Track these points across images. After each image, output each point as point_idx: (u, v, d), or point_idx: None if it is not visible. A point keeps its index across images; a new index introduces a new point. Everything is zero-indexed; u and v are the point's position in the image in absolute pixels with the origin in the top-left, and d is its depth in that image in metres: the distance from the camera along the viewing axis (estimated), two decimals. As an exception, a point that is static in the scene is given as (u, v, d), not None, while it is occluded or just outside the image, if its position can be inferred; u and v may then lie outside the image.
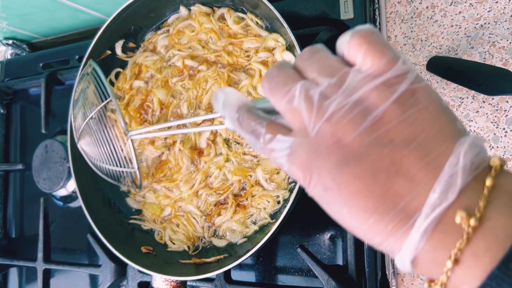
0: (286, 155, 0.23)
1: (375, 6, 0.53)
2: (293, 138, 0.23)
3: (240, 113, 0.27)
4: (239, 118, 0.27)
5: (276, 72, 0.25)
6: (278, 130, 0.24)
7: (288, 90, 0.23)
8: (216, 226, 0.54)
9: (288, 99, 0.23)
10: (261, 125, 0.25)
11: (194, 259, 0.53)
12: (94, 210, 0.57)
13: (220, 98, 0.29)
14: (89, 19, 0.76)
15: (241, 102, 0.28)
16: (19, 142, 0.81)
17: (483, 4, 0.49)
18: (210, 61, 0.55)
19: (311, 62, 0.24)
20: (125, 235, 0.58)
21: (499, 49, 0.48)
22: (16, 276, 0.77)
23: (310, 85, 0.23)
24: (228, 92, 0.29)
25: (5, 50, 0.86)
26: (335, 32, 0.52)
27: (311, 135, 0.22)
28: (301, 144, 0.23)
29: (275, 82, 0.24)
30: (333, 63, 0.23)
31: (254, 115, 0.26)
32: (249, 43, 0.53)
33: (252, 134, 0.26)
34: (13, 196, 0.80)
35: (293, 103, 0.23)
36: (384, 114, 0.20)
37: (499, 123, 0.48)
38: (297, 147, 0.23)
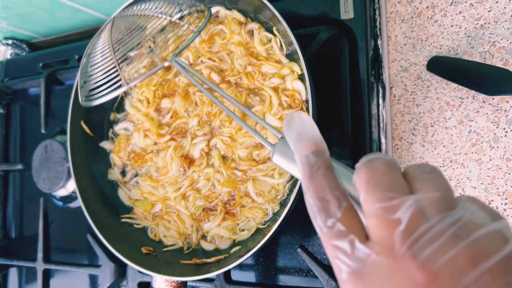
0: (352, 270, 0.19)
1: (375, 6, 0.53)
2: (370, 253, 0.19)
3: (317, 161, 0.22)
4: (312, 167, 0.22)
5: (384, 169, 0.21)
6: (356, 227, 0.20)
7: (391, 198, 0.20)
8: (205, 231, 0.54)
9: (388, 207, 0.19)
10: (338, 203, 0.21)
11: (195, 259, 0.53)
12: (94, 211, 0.57)
13: (295, 125, 0.24)
14: (89, 19, 0.76)
15: (319, 144, 0.23)
16: (19, 142, 0.81)
17: (483, 4, 0.49)
18: (230, 82, 0.55)
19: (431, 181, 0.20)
20: (125, 236, 0.58)
21: (499, 49, 0.48)
22: (16, 276, 0.77)
23: (425, 206, 0.19)
24: (305, 121, 0.24)
25: (5, 50, 0.86)
26: (335, 32, 0.52)
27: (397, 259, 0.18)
28: (378, 267, 0.19)
29: (379, 180, 0.20)
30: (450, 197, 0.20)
31: (333, 178, 0.22)
32: (268, 67, 0.52)
33: (320, 201, 0.21)
34: (13, 196, 0.79)
35: (393, 214, 0.19)
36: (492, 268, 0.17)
37: (499, 123, 0.48)
38: (371, 269, 0.19)
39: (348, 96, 0.51)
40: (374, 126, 0.51)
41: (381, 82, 0.52)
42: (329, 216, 0.21)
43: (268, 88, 0.51)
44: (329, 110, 0.52)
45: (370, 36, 0.52)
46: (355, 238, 0.20)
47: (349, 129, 0.50)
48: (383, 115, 0.51)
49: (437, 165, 0.50)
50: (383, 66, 0.53)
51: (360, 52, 0.51)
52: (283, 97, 0.50)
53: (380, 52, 0.53)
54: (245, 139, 0.52)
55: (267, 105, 0.51)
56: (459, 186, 0.49)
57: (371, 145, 0.50)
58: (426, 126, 0.51)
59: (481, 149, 0.48)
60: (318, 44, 0.51)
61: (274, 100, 0.50)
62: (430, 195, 0.20)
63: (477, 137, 0.49)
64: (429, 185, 0.20)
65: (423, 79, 0.52)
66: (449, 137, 0.50)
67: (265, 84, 0.51)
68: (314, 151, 0.23)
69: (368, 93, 0.51)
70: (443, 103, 0.51)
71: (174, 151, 0.55)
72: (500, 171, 0.47)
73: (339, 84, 0.51)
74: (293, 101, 0.50)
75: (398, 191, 0.20)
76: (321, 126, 0.47)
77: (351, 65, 0.51)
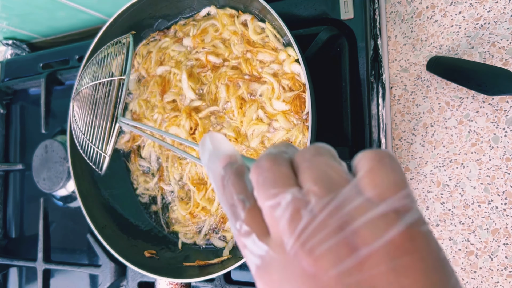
0: (256, 266, 0.21)
1: (375, 6, 0.53)
2: (267, 249, 0.20)
3: (227, 172, 0.23)
4: (224, 179, 0.23)
5: (268, 165, 0.21)
6: (258, 225, 0.21)
7: (275, 194, 0.20)
8: (225, 231, 0.55)
9: (272, 204, 0.20)
10: (243, 205, 0.22)
11: (198, 261, 0.53)
12: (95, 216, 0.57)
13: (207, 145, 0.25)
14: (89, 19, 0.76)
15: (231, 156, 0.24)
16: (19, 142, 0.81)
17: (483, 4, 0.49)
18: (233, 65, 0.55)
19: (311, 166, 0.21)
20: (127, 240, 0.58)
21: (499, 49, 0.48)
22: (16, 276, 0.77)
23: (301, 200, 0.19)
24: (217, 139, 0.25)
25: (5, 50, 0.86)
26: (335, 32, 0.52)
27: (288, 255, 0.19)
28: (274, 261, 0.20)
29: (264, 177, 0.21)
30: (334, 175, 0.20)
31: (241, 183, 0.23)
32: (263, 55, 0.52)
33: (230, 208, 0.22)
34: (13, 196, 0.80)
35: (276, 213, 0.20)
36: (373, 255, 0.17)
37: (499, 123, 0.48)
38: (269, 263, 0.20)
39: (348, 96, 0.51)
40: (374, 126, 0.51)
41: (381, 82, 0.52)
42: (236, 219, 0.22)
43: (267, 74, 0.51)
44: (329, 110, 0.52)
45: (370, 36, 0.52)
46: (255, 236, 0.21)
47: (349, 129, 0.50)
48: (383, 115, 0.51)
49: (437, 165, 0.50)
50: (383, 66, 0.53)
51: (360, 52, 0.51)
52: (284, 81, 0.50)
53: (380, 52, 0.53)
54: (253, 127, 0.52)
55: (270, 93, 0.51)
56: (459, 186, 0.49)
57: (371, 145, 0.50)
58: (426, 126, 0.51)
59: (481, 149, 0.48)
60: (318, 44, 0.51)
61: (275, 86, 0.50)
62: (309, 180, 0.20)
63: (477, 137, 0.49)
64: (310, 170, 0.21)
65: (423, 79, 0.52)
66: (449, 137, 0.50)
67: (265, 70, 0.52)
68: (225, 165, 0.24)
69: (368, 93, 0.51)
70: (443, 103, 0.51)
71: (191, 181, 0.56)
72: (500, 171, 0.47)
73: (339, 84, 0.51)
74: (293, 83, 0.50)
75: (282, 185, 0.20)
76: (321, 126, 0.47)
77: (351, 65, 0.51)
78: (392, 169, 0.19)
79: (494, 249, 0.47)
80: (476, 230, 0.48)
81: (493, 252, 0.47)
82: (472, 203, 0.48)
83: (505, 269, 0.46)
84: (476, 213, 0.48)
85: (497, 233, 0.47)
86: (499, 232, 0.47)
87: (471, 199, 0.48)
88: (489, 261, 0.47)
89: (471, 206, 0.48)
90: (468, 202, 0.48)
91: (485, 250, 0.47)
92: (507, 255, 0.46)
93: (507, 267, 0.46)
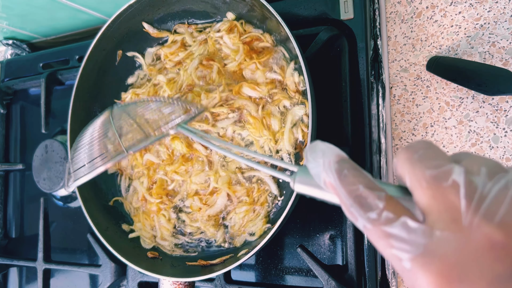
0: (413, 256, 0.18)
1: (375, 6, 0.53)
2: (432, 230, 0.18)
3: (344, 165, 0.22)
4: (341, 172, 0.21)
5: (424, 145, 0.20)
6: (404, 211, 0.19)
7: (439, 165, 0.19)
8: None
9: (438, 174, 0.18)
10: (376, 194, 0.20)
11: (200, 261, 0.53)
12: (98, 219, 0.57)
13: (319, 147, 0.24)
14: (89, 19, 0.76)
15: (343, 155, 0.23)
16: (19, 142, 0.81)
17: (483, 4, 0.49)
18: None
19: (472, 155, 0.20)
20: (130, 242, 0.58)
21: (499, 49, 0.48)
22: (16, 276, 0.77)
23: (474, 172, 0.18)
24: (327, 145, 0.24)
25: (5, 50, 0.86)
26: (335, 32, 0.52)
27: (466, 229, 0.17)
28: (445, 241, 0.17)
29: (422, 154, 0.20)
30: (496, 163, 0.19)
31: (363, 175, 0.21)
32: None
33: (355, 200, 0.20)
34: (13, 196, 0.80)
35: (446, 181, 0.18)
36: None
37: (499, 123, 0.48)
38: (437, 245, 0.17)
39: (347, 96, 0.51)
40: (374, 126, 0.51)
41: (381, 82, 0.52)
42: (370, 209, 0.20)
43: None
44: (329, 110, 0.52)
45: (370, 36, 0.52)
46: (407, 219, 0.18)
47: (349, 129, 0.50)
48: (383, 115, 0.51)
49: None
50: (382, 66, 0.53)
51: (360, 52, 0.51)
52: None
53: (379, 52, 0.53)
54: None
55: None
56: (459, 186, 0.49)
57: (371, 145, 0.50)
58: (426, 126, 0.51)
59: (480, 149, 0.48)
60: (318, 44, 0.51)
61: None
62: (475, 162, 0.19)
63: (476, 137, 0.49)
64: (471, 157, 0.20)
65: (422, 79, 0.52)
66: (449, 137, 0.50)
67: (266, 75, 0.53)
68: (339, 160, 0.23)
69: (368, 93, 0.51)
70: (442, 103, 0.51)
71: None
72: (499, 171, 0.47)
73: (338, 84, 0.51)
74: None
75: (444, 159, 0.19)
76: (321, 126, 0.47)
77: (351, 65, 0.51)
78: None
79: (494, 249, 0.47)
80: (476, 230, 0.48)
81: (493, 252, 0.47)
82: (472, 203, 0.48)
83: (505, 269, 0.46)
84: (476, 213, 0.48)
85: (497, 233, 0.47)
86: (499, 232, 0.47)
87: (471, 199, 0.48)
88: (489, 261, 0.47)
89: (471, 206, 0.48)
90: (468, 202, 0.48)
91: (485, 250, 0.47)
92: (507, 255, 0.46)
93: (507, 267, 0.46)
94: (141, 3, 0.56)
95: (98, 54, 0.59)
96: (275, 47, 0.54)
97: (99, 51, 0.59)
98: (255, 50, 0.54)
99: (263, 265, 0.55)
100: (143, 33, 0.61)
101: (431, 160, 0.19)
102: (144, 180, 0.59)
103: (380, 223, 0.19)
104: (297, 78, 0.51)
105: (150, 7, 0.58)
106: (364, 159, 0.50)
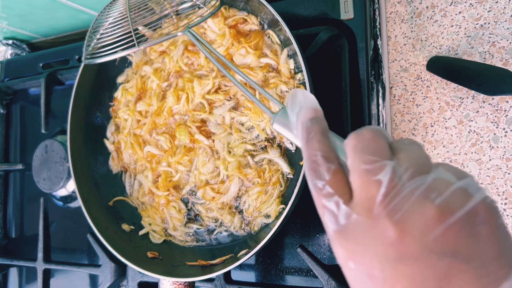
0: (335, 230, 0.22)
1: (375, 6, 0.53)
2: (351, 213, 0.22)
3: (313, 127, 0.25)
4: (309, 132, 0.25)
5: (370, 136, 0.23)
6: (342, 189, 0.23)
7: (375, 161, 0.22)
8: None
9: (370, 169, 0.22)
10: (327, 166, 0.23)
11: (200, 261, 0.53)
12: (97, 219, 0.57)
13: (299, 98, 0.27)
14: (89, 19, 0.76)
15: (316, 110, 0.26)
16: (19, 142, 0.81)
17: (483, 4, 0.49)
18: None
19: (409, 149, 0.23)
20: (130, 242, 0.58)
21: (499, 49, 0.48)
22: (16, 276, 0.77)
23: (401, 171, 0.21)
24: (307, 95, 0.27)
25: (5, 50, 0.86)
26: (335, 32, 0.52)
27: (374, 218, 0.21)
28: (357, 225, 0.21)
29: (365, 145, 0.23)
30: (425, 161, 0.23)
31: (326, 142, 0.24)
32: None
33: (312, 164, 0.24)
34: (13, 196, 0.80)
35: (374, 176, 0.21)
36: (456, 223, 0.20)
37: (499, 123, 0.48)
38: (351, 227, 0.22)
39: (348, 96, 0.51)
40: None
41: (381, 82, 0.52)
42: (319, 178, 0.23)
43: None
44: (329, 110, 0.52)
45: (370, 36, 0.52)
46: (340, 200, 0.22)
47: (349, 129, 0.50)
48: (383, 115, 0.51)
49: (437, 165, 0.50)
50: (383, 66, 0.53)
51: (360, 52, 0.51)
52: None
53: (380, 52, 0.53)
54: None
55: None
56: (459, 186, 0.49)
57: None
58: (426, 126, 0.51)
59: (481, 149, 0.48)
60: (318, 44, 0.51)
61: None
62: (407, 160, 0.22)
63: (477, 137, 0.49)
64: (407, 153, 0.23)
65: (423, 79, 0.52)
66: (449, 137, 0.50)
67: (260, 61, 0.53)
68: (313, 117, 0.26)
69: (368, 93, 0.51)
70: (443, 103, 0.51)
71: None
72: (500, 171, 0.47)
73: (339, 84, 0.51)
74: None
75: (381, 156, 0.22)
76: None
77: (351, 65, 0.51)
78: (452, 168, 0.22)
79: (494, 249, 0.47)
80: (476, 230, 0.48)
81: (493, 252, 0.47)
82: (472, 203, 0.48)
83: (505, 269, 0.46)
84: (476, 213, 0.48)
85: (497, 233, 0.47)
86: (499, 232, 0.47)
87: (471, 199, 0.48)
88: (489, 261, 0.47)
89: (471, 206, 0.48)
90: (468, 202, 0.49)
91: (485, 250, 0.47)
92: (507, 255, 0.46)
93: (507, 267, 0.46)
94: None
95: (98, 54, 0.59)
96: (264, 30, 0.53)
97: (99, 51, 0.59)
98: (242, 33, 0.54)
99: (263, 265, 0.55)
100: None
101: (370, 155, 0.22)
102: (148, 174, 0.59)
103: (322, 194, 0.23)
104: (292, 65, 0.51)
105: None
106: (364, 159, 0.50)
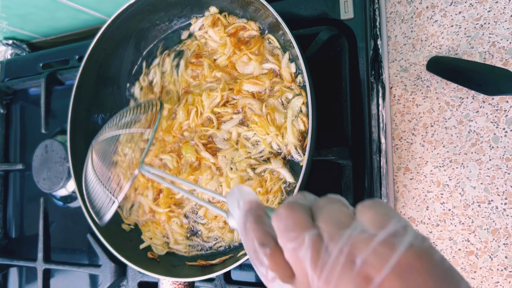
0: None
1: (375, 6, 0.53)
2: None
3: (247, 217, 0.26)
4: (244, 223, 0.26)
5: (286, 213, 0.24)
6: (282, 269, 0.23)
7: (295, 237, 0.22)
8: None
9: (294, 247, 0.22)
10: (264, 251, 0.24)
11: (200, 261, 0.53)
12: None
13: (235, 196, 0.28)
14: (89, 19, 0.76)
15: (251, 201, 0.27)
16: (19, 142, 0.81)
17: (483, 4, 0.49)
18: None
19: (324, 210, 0.24)
20: (130, 241, 0.58)
21: (499, 49, 0.48)
22: (16, 276, 0.77)
23: (318, 239, 0.22)
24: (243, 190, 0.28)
25: (5, 50, 0.86)
26: (335, 32, 0.52)
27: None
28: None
29: (283, 223, 0.23)
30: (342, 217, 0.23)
31: (260, 228, 0.25)
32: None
33: (253, 254, 0.24)
34: (13, 196, 0.80)
35: (299, 253, 0.22)
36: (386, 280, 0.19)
37: (499, 123, 0.48)
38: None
39: (348, 96, 0.51)
40: (374, 126, 0.51)
41: (381, 82, 0.52)
42: (261, 264, 0.24)
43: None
44: (329, 110, 0.52)
45: (370, 36, 0.52)
46: (281, 281, 0.23)
47: (349, 129, 0.50)
48: (383, 115, 0.51)
49: (437, 165, 0.50)
50: (383, 66, 0.53)
51: (360, 52, 0.51)
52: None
53: (380, 52, 0.53)
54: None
55: None
56: (459, 186, 0.49)
57: (371, 145, 0.50)
58: (426, 126, 0.51)
59: (480, 149, 0.48)
60: (318, 44, 0.51)
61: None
62: (326, 223, 0.22)
63: (477, 137, 0.49)
64: (326, 215, 0.23)
65: (423, 79, 0.52)
66: (449, 137, 0.50)
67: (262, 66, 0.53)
68: (247, 209, 0.26)
69: (368, 93, 0.51)
70: (442, 103, 0.51)
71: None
72: (500, 171, 0.47)
73: (339, 84, 0.51)
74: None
75: (300, 229, 0.23)
76: (321, 126, 0.47)
77: (351, 65, 0.51)
78: (381, 205, 0.22)
79: (494, 249, 0.47)
80: (476, 230, 0.48)
81: (493, 252, 0.47)
82: (472, 203, 0.48)
83: (505, 269, 0.46)
84: (476, 213, 0.48)
85: (497, 233, 0.47)
86: (499, 232, 0.47)
87: (471, 199, 0.48)
88: (489, 261, 0.47)
89: (471, 206, 0.48)
90: (468, 202, 0.49)
91: (485, 250, 0.47)
92: (507, 255, 0.46)
93: (507, 267, 0.46)
94: (141, 2, 0.56)
95: (98, 54, 0.59)
96: (263, 35, 0.54)
97: (99, 51, 0.59)
98: (242, 41, 0.54)
99: (263, 265, 0.55)
100: (143, 33, 0.61)
101: (290, 232, 0.23)
102: (148, 193, 0.59)
103: (267, 279, 0.24)
104: (293, 68, 0.51)
105: (150, 6, 0.58)
106: (364, 159, 0.50)
